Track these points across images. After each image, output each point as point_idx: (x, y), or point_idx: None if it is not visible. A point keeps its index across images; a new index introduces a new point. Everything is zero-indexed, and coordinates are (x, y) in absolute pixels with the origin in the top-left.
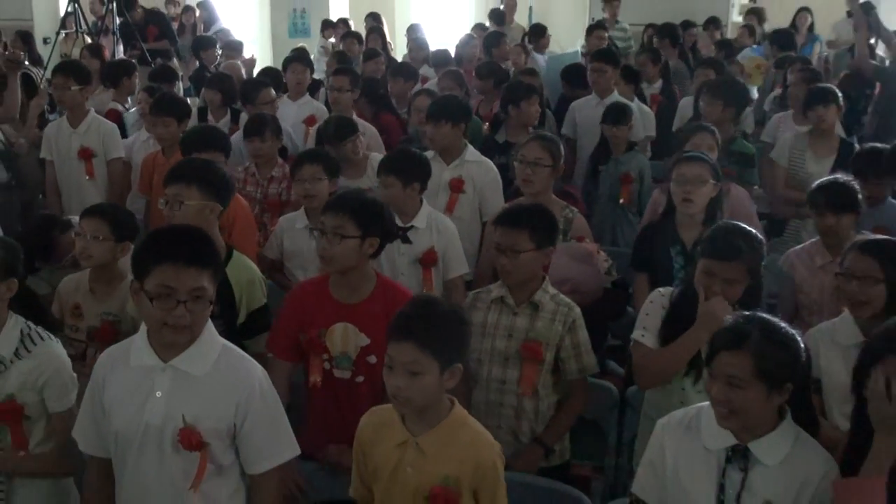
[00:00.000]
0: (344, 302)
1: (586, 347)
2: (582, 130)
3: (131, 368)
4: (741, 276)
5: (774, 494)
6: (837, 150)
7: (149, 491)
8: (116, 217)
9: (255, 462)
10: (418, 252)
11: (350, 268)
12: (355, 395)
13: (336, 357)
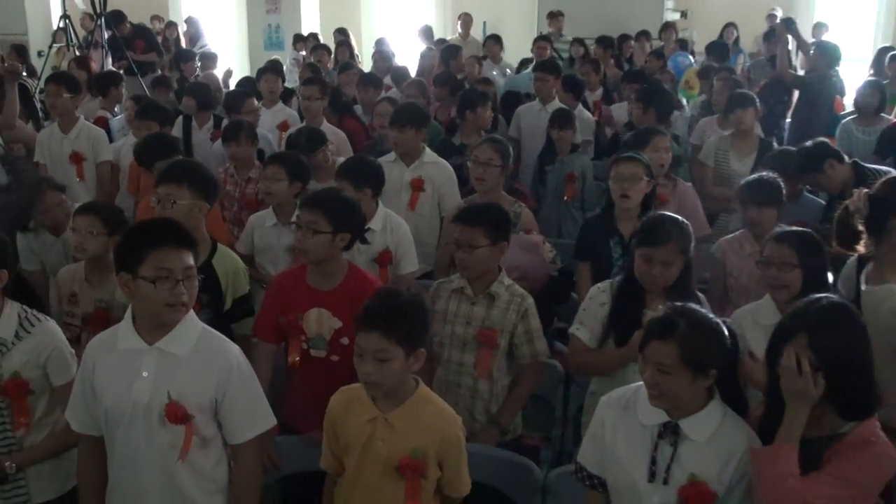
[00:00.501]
0: (318, 289)
1: (538, 334)
2: (526, 133)
3: (119, 352)
4: (676, 258)
5: (700, 468)
6: (757, 149)
7: (139, 463)
8: (108, 213)
9: (235, 433)
10: (374, 252)
11: (323, 259)
12: (331, 373)
13: (312, 339)
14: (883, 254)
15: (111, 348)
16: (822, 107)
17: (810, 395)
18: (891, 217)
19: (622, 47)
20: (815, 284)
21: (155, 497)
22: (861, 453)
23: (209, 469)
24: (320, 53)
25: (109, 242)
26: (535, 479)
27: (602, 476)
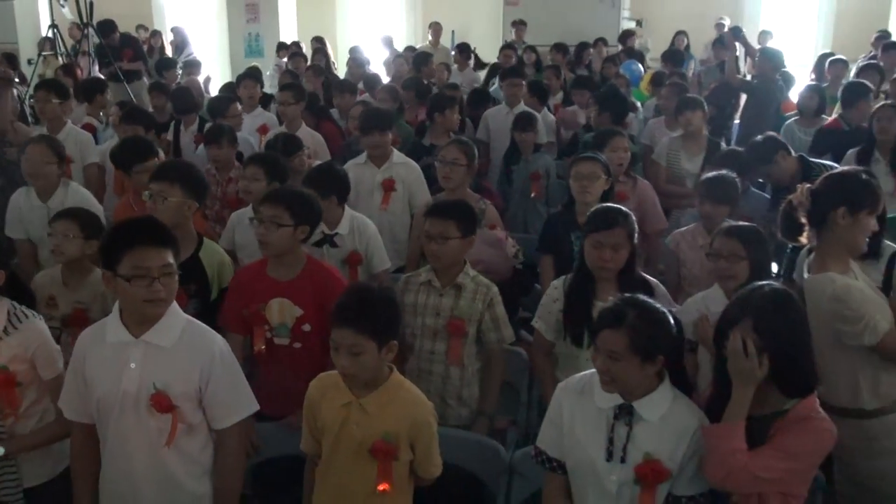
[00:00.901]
0: (279, 280)
1: (504, 321)
2: (494, 135)
3: (107, 344)
4: (624, 241)
5: (654, 446)
6: (706, 149)
7: (130, 449)
8: (84, 218)
9: (219, 419)
10: (344, 254)
11: (284, 251)
12: (294, 359)
13: (276, 327)
14: (824, 244)
15: (100, 341)
16: (767, 109)
17: (756, 375)
18: (831, 210)
19: (582, 54)
20: (759, 274)
21: (145, 480)
22: (802, 428)
23: (196, 453)
24: (297, 60)
25: (86, 246)
26: (502, 460)
27: (561, 459)
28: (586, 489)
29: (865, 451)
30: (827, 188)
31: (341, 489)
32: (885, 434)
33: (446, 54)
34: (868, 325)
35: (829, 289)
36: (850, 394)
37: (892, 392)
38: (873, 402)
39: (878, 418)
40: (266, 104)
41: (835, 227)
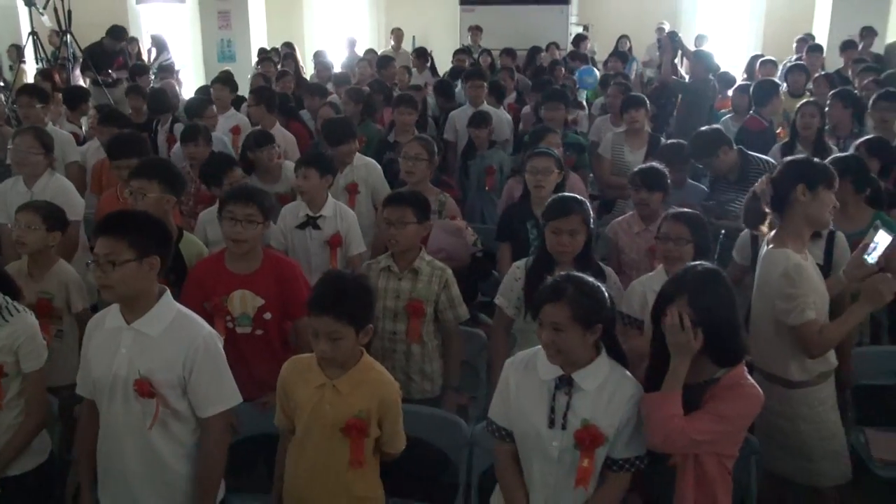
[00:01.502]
0: (240, 273)
1: (459, 300)
2: (460, 134)
3: (105, 329)
4: (581, 227)
5: (592, 413)
6: (648, 143)
7: (119, 429)
8: (46, 210)
9: (202, 407)
10: (327, 235)
11: (254, 247)
12: (256, 346)
13: (238, 317)
14: (786, 224)
15: (101, 325)
16: (700, 107)
17: (691, 347)
18: (791, 190)
19: (535, 57)
20: (702, 256)
21: (133, 458)
22: (733, 394)
23: (181, 436)
24: (267, 65)
25: (48, 238)
26: (463, 434)
27: (509, 428)
28: (531, 455)
29: (785, 414)
30: (784, 172)
31: (315, 466)
32: (804, 403)
33: (407, 58)
34: (798, 307)
35: (782, 265)
36: (780, 364)
37: (817, 368)
38: (799, 375)
39: (800, 389)
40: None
41: (796, 205)
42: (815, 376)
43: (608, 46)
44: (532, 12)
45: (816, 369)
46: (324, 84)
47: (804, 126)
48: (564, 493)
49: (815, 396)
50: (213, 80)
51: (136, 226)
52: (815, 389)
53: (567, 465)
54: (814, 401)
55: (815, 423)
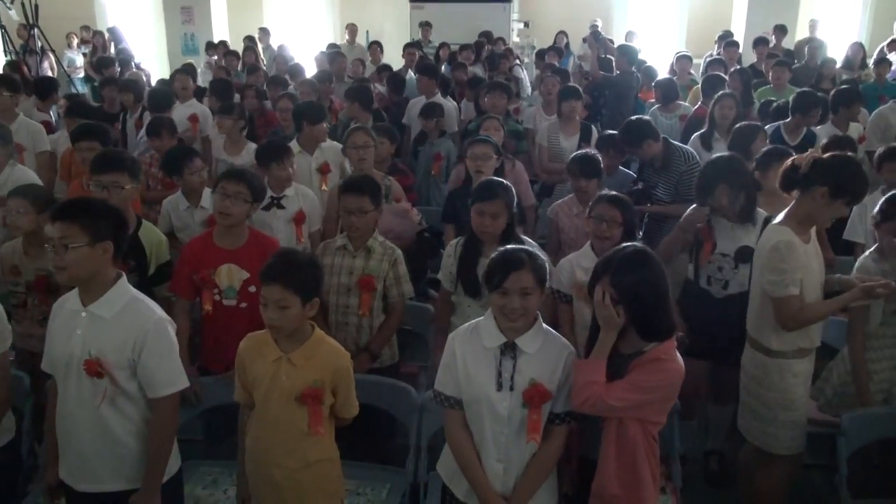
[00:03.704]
0: (227, 248)
1: (405, 278)
2: (415, 122)
3: (65, 311)
4: (502, 211)
5: (537, 373)
6: (580, 130)
7: (73, 406)
8: (34, 194)
9: (151, 388)
10: (291, 213)
11: (240, 222)
12: (241, 319)
13: (224, 290)
14: (797, 208)
15: (63, 307)
16: (626, 98)
17: (615, 321)
18: (816, 186)
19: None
20: (630, 236)
21: (86, 433)
22: (653, 367)
23: (131, 414)
24: (230, 59)
25: (39, 219)
26: (413, 400)
27: (457, 396)
28: (482, 417)
29: (759, 379)
30: (819, 169)
31: (274, 434)
32: (776, 372)
33: (362, 51)
34: (782, 281)
35: (775, 239)
36: (763, 332)
37: (797, 342)
38: (778, 345)
39: (777, 359)
40: (200, 97)
41: (812, 200)
42: (793, 350)
43: (547, 42)
44: (477, 9)
45: (796, 343)
46: (283, 75)
47: (721, 116)
48: (515, 449)
49: (790, 369)
50: (175, 72)
51: (91, 212)
52: (791, 363)
53: (516, 422)
54: (787, 373)
55: (782, 393)
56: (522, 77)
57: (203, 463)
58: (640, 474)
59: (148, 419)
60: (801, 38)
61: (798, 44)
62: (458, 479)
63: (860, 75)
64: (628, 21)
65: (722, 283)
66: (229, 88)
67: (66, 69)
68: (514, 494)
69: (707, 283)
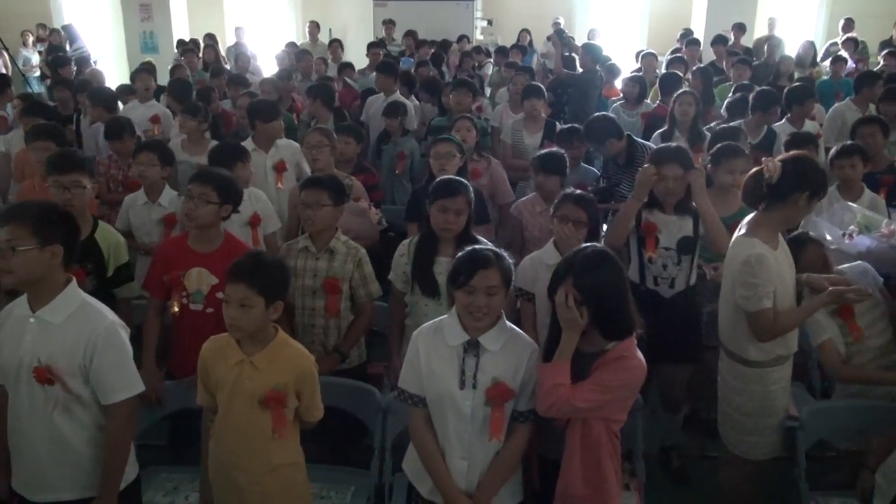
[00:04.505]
0: (199, 252)
1: (371, 278)
2: (372, 120)
3: (15, 316)
4: (465, 208)
5: (499, 371)
6: (544, 128)
7: (25, 413)
8: None
9: (104, 394)
10: (246, 217)
11: (207, 225)
12: (207, 324)
13: (192, 294)
14: (769, 215)
15: (11, 313)
16: (590, 95)
17: (577, 323)
18: (797, 194)
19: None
20: (595, 236)
21: (39, 440)
22: (617, 366)
23: (85, 420)
24: (189, 57)
25: None
26: (377, 402)
27: (421, 394)
28: (446, 415)
29: (740, 389)
30: (797, 173)
31: (238, 438)
32: (757, 381)
33: (324, 50)
34: (755, 295)
35: (745, 253)
36: (740, 344)
37: (775, 350)
38: (756, 356)
39: (757, 369)
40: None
41: (791, 207)
42: (771, 358)
43: (510, 40)
44: (440, 7)
45: (774, 352)
46: (243, 73)
47: (681, 113)
48: (478, 447)
49: (770, 377)
50: (136, 71)
51: (40, 214)
52: (771, 370)
53: (480, 420)
54: (767, 381)
55: (764, 401)
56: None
57: (165, 469)
58: (605, 473)
59: (102, 426)
60: (760, 36)
61: (757, 42)
62: (422, 477)
63: (812, 72)
64: (590, 19)
65: (669, 282)
66: (188, 89)
67: (22, 68)
68: (478, 491)
69: (654, 283)
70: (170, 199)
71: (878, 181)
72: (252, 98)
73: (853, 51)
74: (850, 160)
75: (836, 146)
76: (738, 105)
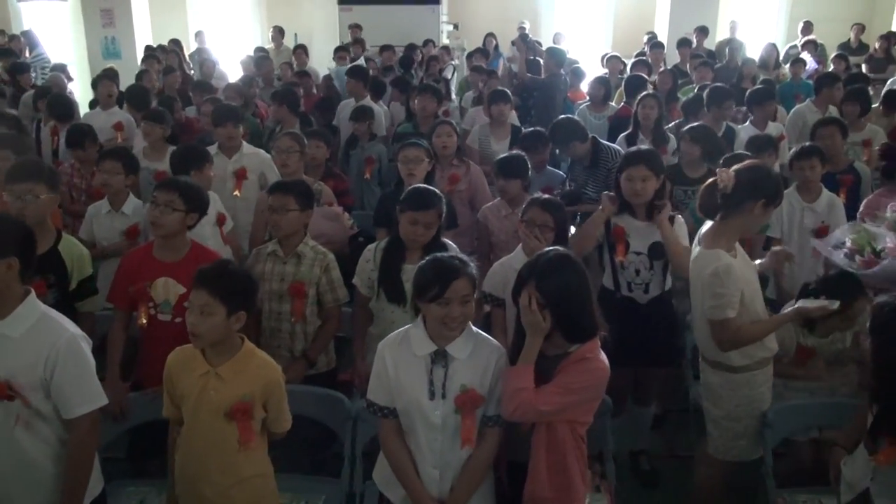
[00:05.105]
0: (165, 261)
1: (339, 283)
2: (343, 125)
3: None
4: (435, 220)
5: (468, 378)
6: (511, 134)
7: None
8: None
9: (66, 408)
10: (213, 217)
11: (173, 233)
12: (176, 335)
13: (160, 304)
14: (727, 223)
15: None
16: (554, 99)
17: (541, 326)
18: (751, 202)
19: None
20: (562, 240)
21: (0, 459)
22: (580, 368)
23: (47, 436)
24: (150, 62)
25: None
26: (347, 409)
27: (391, 405)
28: (416, 425)
29: (728, 397)
30: (752, 182)
31: (204, 450)
32: (745, 386)
33: (289, 55)
34: (720, 305)
35: (713, 265)
36: (721, 352)
37: (758, 353)
38: (740, 361)
39: (742, 374)
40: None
41: (747, 215)
42: (755, 361)
43: (477, 44)
44: (406, 11)
45: (757, 355)
46: (207, 79)
47: (644, 116)
48: (450, 455)
49: (757, 380)
50: (98, 77)
51: None
52: (756, 374)
53: (451, 429)
54: (755, 384)
55: (752, 403)
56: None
57: (130, 483)
58: (571, 476)
59: (65, 440)
60: (722, 39)
61: (719, 44)
62: (393, 486)
63: (777, 74)
64: (556, 22)
65: (643, 288)
66: (146, 95)
67: None
68: (451, 498)
69: (629, 289)
70: (134, 208)
71: (838, 181)
72: (215, 104)
73: (814, 53)
74: (809, 161)
75: (794, 148)
76: (693, 105)
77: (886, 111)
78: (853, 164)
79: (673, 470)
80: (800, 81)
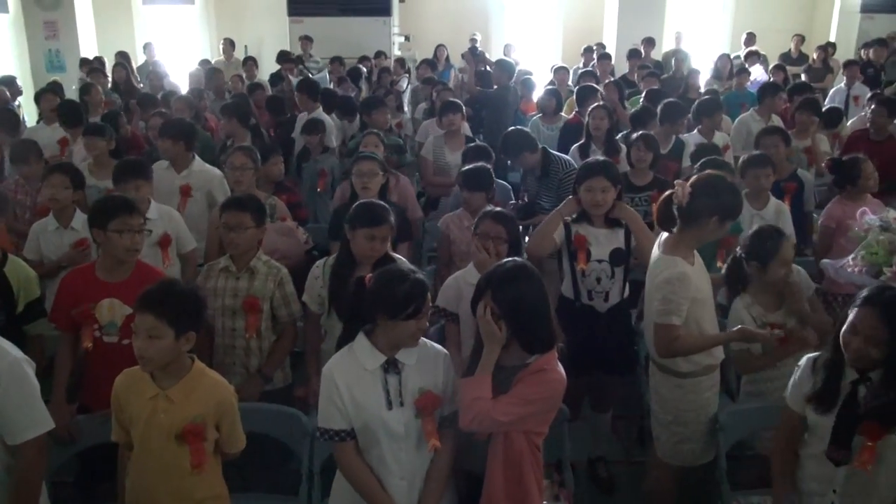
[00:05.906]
0: (109, 282)
1: (293, 298)
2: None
3: None
4: (389, 233)
5: (422, 381)
6: (465, 145)
7: None
8: None
9: (11, 434)
10: (156, 237)
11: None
12: (123, 356)
13: (105, 326)
14: (686, 234)
15: None
16: (505, 111)
17: (497, 336)
18: (707, 216)
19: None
20: (516, 251)
21: None
22: (537, 379)
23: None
24: (96, 76)
25: None
26: (304, 426)
27: (347, 427)
28: (378, 439)
29: (676, 401)
30: (710, 196)
31: (156, 473)
32: (693, 391)
33: (239, 66)
34: (667, 310)
35: (668, 271)
36: (670, 358)
37: (703, 360)
38: (687, 367)
39: (691, 379)
40: None
41: (703, 228)
42: (702, 367)
43: (428, 55)
44: (357, 23)
45: (703, 361)
46: (156, 92)
47: (595, 127)
48: (416, 463)
49: (703, 385)
50: (41, 91)
51: None
52: (702, 379)
53: (414, 436)
54: (702, 389)
55: (699, 408)
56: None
57: None
58: (527, 486)
59: (11, 467)
60: (668, 50)
61: (665, 55)
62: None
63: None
64: (506, 34)
65: (603, 296)
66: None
67: None
68: None
69: (589, 298)
70: (82, 223)
71: (782, 189)
72: (164, 118)
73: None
74: (764, 170)
75: (746, 155)
76: (642, 116)
77: (826, 126)
78: (796, 171)
79: (629, 475)
80: (744, 91)
